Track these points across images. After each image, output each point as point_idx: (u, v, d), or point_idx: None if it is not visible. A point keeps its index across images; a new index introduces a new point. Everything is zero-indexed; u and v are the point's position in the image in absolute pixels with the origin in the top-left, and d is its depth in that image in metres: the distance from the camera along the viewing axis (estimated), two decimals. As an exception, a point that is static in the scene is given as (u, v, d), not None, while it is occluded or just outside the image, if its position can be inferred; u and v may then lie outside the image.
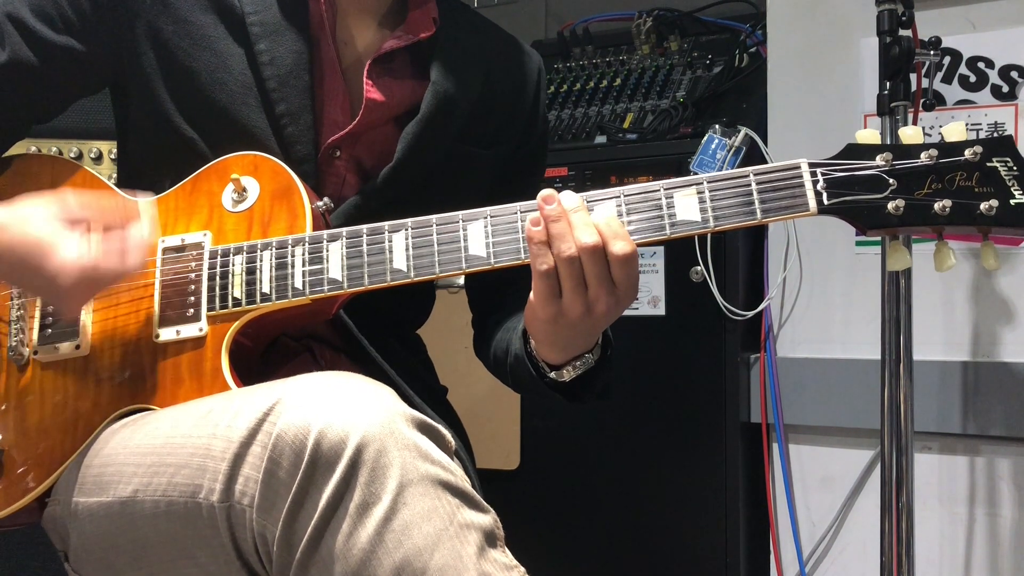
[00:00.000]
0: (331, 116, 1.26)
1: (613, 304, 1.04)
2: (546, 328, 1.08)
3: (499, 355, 1.31)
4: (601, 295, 1.03)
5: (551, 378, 1.15)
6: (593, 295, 1.03)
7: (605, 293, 1.03)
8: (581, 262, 1.02)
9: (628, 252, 1.02)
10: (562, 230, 1.02)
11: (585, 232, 1.02)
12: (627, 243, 1.03)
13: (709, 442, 2.04)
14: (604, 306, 1.04)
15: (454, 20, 1.34)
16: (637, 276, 1.05)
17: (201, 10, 1.23)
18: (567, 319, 1.05)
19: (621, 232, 1.03)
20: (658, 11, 2.40)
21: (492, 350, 1.35)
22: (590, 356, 1.13)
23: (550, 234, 1.03)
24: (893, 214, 1.02)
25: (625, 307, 1.06)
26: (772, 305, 2.05)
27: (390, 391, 0.97)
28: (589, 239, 1.02)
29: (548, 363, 1.14)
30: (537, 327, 1.09)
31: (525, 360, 1.17)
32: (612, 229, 1.03)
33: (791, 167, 1.05)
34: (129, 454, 1.03)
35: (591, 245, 1.01)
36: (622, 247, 1.02)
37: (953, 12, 1.88)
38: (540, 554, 1.15)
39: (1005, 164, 1.02)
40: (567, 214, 1.03)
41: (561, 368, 1.14)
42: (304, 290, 1.11)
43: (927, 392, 1.85)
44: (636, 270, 1.04)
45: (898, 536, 1.64)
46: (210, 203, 1.18)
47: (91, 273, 1.03)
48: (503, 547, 0.93)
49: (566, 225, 1.03)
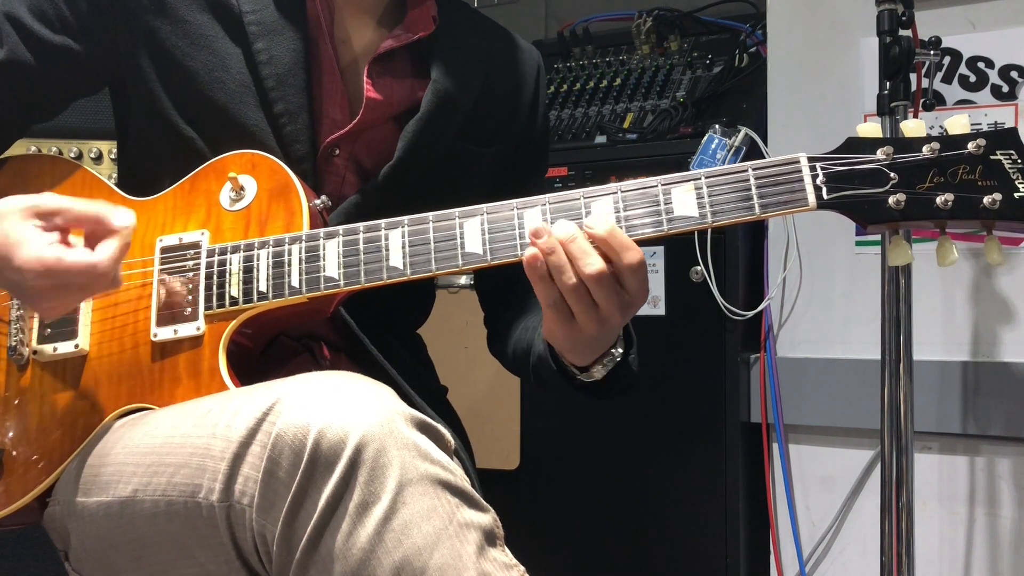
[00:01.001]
0: (330, 115, 1.26)
1: (627, 309, 1.04)
2: (566, 344, 1.09)
3: (520, 354, 1.31)
4: (613, 310, 1.03)
5: (580, 379, 1.15)
6: (606, 312, 1.03)
7: (617, 306, 1.03)
8: (587, 288, 1.02)
9: (638, 260, 1.02)
10: (560, 262, 1.02)
11: (587, 262, 1.01)
12: (635, 251, 1.02)
13: (709, 442, 2.04)
14: (619, 316, 1.04)
15: (453, 18, 1.34)
16: (647, 276, 1.04)
17: (198, 9, 1.23)
18: (584, 335, 1.06)
19: (627, 242, 1.02)
20: (658, 11, 2.40)
21: (511, 349, 1.35)
22: (616, 351, 1.13)
23: (549, 266, 1.02)
24: (894, 208, 1.01)
25: (641, 305, 1.06)
26: (772, 305, 2.05)
27: (390, 391, 0.97)
28: (593, 268, 1.01)
29: (575, 365, 1.14)
30: (557, 343, 1.10)
31: (550, 362, 1.17)
32: (618, 241, 1.02)
33: (790, 161, 1.04)
34: (128, 454, 1.03)
35: (596, 273, 1.01)
36: (631, 257, 1.02)
37: (953, 12, 1.88)
38: (540, 554, 1.15)
39: (1009, 157, 1.00)
40: (564, 245, 1.02)
41: (590, 368, 1.13)
42: (301, 288, 1.11)
43: (927, 392, 1.84)
44: (646, 272, 1.04)
45: (898, 536, 1.64)
46: (208, 202, 1.18)
47: (56, 268, 0.99)
48: (503, 546, 0.93)
49: (563, 257, 1.02)
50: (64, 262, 0.99)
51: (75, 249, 1.01)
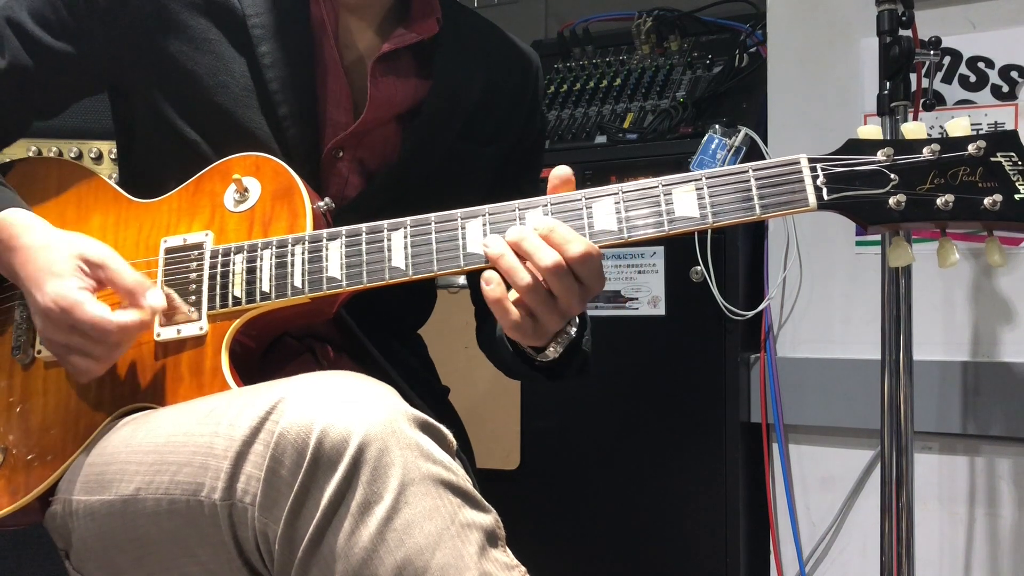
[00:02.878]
0: (333, 117, 1.26)
1: (584, 297, 1.06)
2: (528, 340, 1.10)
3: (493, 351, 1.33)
4: (573, 301, 1.05)
5: (538, 361, 1.16)
6: (564, 304, 1.05)
7: (576, 296, 1.05)
8: (545, 282, 1.03)
9: (583, 251, 1.03)
10: (512, 263, 1.03)
11: (541, 255, 1.02)
12: (580, 242, 1.03)
13: (709, 442, 2.04)
14: (577, 305, 1.06)
15: (456, 20, 1.35)
16: (600, 265, 1.05)
17: (201, 13, 1.23)
18: (545, 330, 1.08)
19: (571, 235, 1.03)
20: (658, 11, 2.40)
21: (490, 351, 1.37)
22: (570, 329, 1.14)
23: (502, 271, 1.03)
24: (895, 209, 1.02)
25: (598, 292, 1.07)
26: (772, 305, 2.05)
27: (392, 391, 0.97)
28: (548, 260, 1.02)
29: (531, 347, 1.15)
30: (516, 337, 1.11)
31: (507, 344, 1.19)
32: (560, 235, 1.03)
33: (790, 162, 1.05)
34: (131, 452, 1.03)
35: (552, 265, 1.02)
36: (576, 248, 1.03)
37: (953, 12, 1.88)
38: (540, 554, 1.16)
39: (1009, 159, 1.01)
40: (515, 245, 1.03)
41: (544, 349, 1.15)
42: (303, 289, 1.12)
43: (927, 392, 1.85)
44: (598, 262, 1.05)
45: (898, 536, 1.64)
46: (212, 203, 1.19)
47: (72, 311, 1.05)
48: (504, 547, 0.93)
49: (514, 258, 1.03)
50: (82, 307, 1.05)
51: (98, 304, 1.06)
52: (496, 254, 1.04)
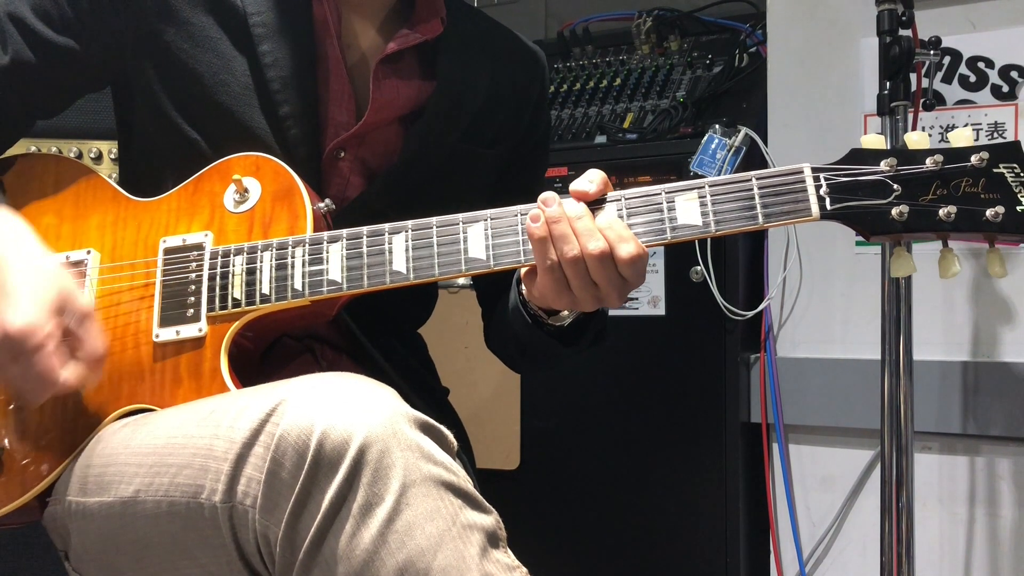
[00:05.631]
0: (335, 117, 1.26)
1: (624, 291, 1.07)
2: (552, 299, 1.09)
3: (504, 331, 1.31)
4: (612, 292, 1.05)
5: (550, 325, 1.17)
6: (605, 292, 1.06)
7: (616, 289, 1.05)
8: (587, 265, 1.03)
9: (634, 254, 1.04)
10: (564, 231, 1.04)
11: (592, 240, 1.03)
12: (633, 245, 1.04)
13: (709, 442, 2.04)
14: (616, 300, 1.07)
15: (460, 20, 1.34)
16: (645, 268, 1.07)
17: (203, 11, 1.23)
18: (580, 307, 1.08)
19: (626, 235, 1.04)
20: (658, 11, 2.40)
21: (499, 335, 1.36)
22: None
23: (552, 235, 1.04)
24: (897, 220, 1.02)
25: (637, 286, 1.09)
26: (772, 305, 2.05)
27: (392, 392, 0.97)
28: (595, 246, 1.03)
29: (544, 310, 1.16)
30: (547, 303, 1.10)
31: (521, 310, 1.18)
32: (616, 233, 1.04)
33: (794, 172, 1.05)
34: (130, 454, 1.02)
35: (598, 252, 1.03)
36: (628, 250, 1.03)
37: (953, 12, 1.88)
38: (541, 554, 1.15)
39: (1012, 170, 1.01)
40: (570, 220, 1.04)
41: (558, 312, 1.15)
42: (303, 291, 1.11)
43: (927, 392, 1.85)
44: (644, 266, 1.06)
45: (898, 536, 1.64)
46: (212, 204, 1.18)
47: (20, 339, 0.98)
48: (505, 548, 0.93)
49: (568, 228, 1.04)
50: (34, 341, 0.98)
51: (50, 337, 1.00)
52: (554, 216, 1.04)
